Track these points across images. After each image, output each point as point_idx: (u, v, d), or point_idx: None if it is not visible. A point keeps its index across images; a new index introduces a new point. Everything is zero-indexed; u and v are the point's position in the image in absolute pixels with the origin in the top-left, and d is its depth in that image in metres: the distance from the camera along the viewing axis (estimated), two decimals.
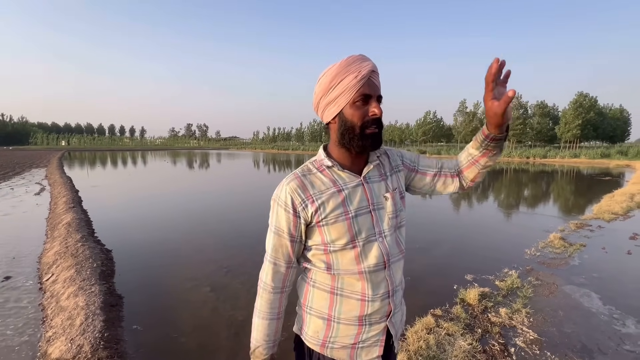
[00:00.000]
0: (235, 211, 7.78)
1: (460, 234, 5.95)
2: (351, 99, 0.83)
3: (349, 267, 0.85)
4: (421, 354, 2.26)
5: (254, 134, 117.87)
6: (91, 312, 2.73)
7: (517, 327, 2.65)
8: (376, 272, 0.86)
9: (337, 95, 0.84)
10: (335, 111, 0.86)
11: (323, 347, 0.89)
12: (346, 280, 0.86)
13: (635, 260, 4.22)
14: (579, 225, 5.95)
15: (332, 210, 0.84)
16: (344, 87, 0.83)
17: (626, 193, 9.33)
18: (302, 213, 0.85)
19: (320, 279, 0.89)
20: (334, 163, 0.88)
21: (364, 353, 0.88)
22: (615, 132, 45.54)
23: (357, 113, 0.83)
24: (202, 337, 2.68)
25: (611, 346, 2.41)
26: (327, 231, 0.84)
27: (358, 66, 0.83)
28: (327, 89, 0.85)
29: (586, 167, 23.56)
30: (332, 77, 0.84)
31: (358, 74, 0.82)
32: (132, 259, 4.37)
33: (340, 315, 0.87)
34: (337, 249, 0.85)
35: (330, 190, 0.86)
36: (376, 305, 0.86)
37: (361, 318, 0.87)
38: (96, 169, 20.16)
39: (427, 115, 53.94)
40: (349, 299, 0.86)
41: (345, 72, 0.82)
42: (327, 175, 0.88)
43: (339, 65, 0.84)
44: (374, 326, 0.88)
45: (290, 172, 0.92)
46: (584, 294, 3.24)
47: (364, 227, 0.86)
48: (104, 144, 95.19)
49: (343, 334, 0.87)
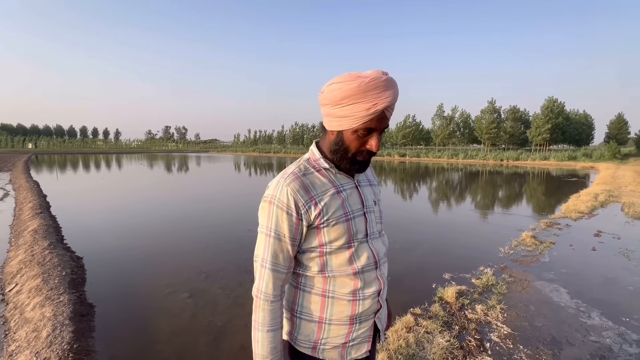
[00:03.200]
0: (214, 215, 7.62)
1: (439, 234, 6.10)
2: (354, 127, 0.79)
3: (342, 267, 0.85)
4: (401, 352, 2.29)
5: (234, 137, 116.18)
6: (59, 323, 2.59)
7: (492, 323, 2.74)
8: (369, 271, 0.88)
9: (342, 115, 0.79)
10: (334, 127, 0.82)
11: (315, 349, 0.88)
12: (338, 281, 0.86)
13: (599, 256, 4.48)
14: (548, 224, 6.25)
15: (333, 212, 0.83)
16: (352, 112, 0.77)
17: (591, 193, 9.91)
18: (305, 215, 0.81)
19: (311, 282, 0.88)
20: (330, 165, 0.86)
21: (354, 350, 0.90)
22: (580, 136, 48.31)
23: (356, 142, 0.81)
24: (179, 344, 2.60)
25: (578, 338, 2.54)
26: (327, 232, 0.83)
27: (376, 96, 0.75)
28: (335, 103, 0.79)
29: (555, 169, 24.85)
30: (345, 96, 0.76)
31: (372, 106, 0.75)
32: (105, 266, 4.18)
33: (332, 316, 0.87)
34: (333, 250, 0.85)
35: (330, 192, 0.84)
36: (367, 303, 0.88)
37: (352, 317, 0.87)
38: (67, 173, 19.19)
39: (407, 119, 55.12)
40: (341, 300, 0.86)
41: (359, 98, 0.75)
42: (324, 175, 0.86)
43: (357, 87, 0.75)
44: (364, 323, 0.89)
45: (284, 171, 0.86)
46: (554, 289, 3.40)
47: (360, 229, 0.87)
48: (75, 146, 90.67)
49: (334, 334, 0.88)
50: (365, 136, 0.80)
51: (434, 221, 7.38)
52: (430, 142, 54.92)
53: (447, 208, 9.12)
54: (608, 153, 32.41)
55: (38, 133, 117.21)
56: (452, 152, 42.75)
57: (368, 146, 0.81)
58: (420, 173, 21.42)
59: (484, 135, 44.80)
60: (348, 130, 0.80)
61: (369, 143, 0.81)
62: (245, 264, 4.19)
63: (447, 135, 48.32)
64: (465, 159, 37.97)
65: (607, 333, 2.59)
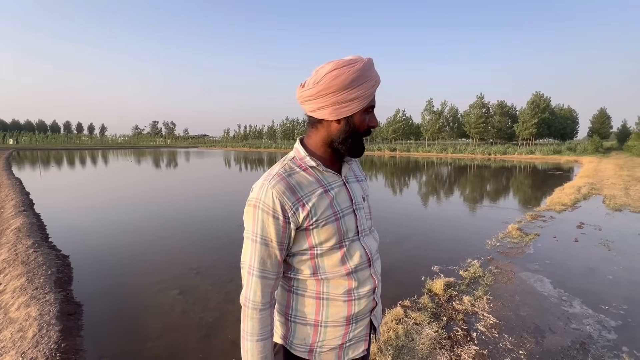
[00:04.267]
0: (204, 211, 7.55)
1: (429, 227, 6.20)
2: (365, 106, 0.81)
3: (335, 268, 0.83)
4: (390, 344, 2.33)
5: (224, 132, 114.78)
6: (45, 323, 2.55)
7: (479, 313, 2.81)
8: (362, 270, 0.86)
9: (354, 98, 0.78)
10: (345, 113, 0.80)
11: (311, 353, 0.86)
12: (332, 283, 0.84)
13: (581, 247, 4.63)
14: (534, 216, 6.42)
15: (322, 213, 0.80)
16: (363, 92, 0.78)
17: (574, 186, 10.20)
18: (293, 218, 0.78)
19: (304, 285, 0.85)
20: (317, 163, 0.83)
21: (351, 350, 0.88)
22: (565, 130, 49.49)
23: (364, 122, 0.83)
24: (170, 341, 2.59)
25: (560, 325, 2.63)
26: (317, 234, 0.81)
27: (375, 74, 0.81)
28: (345, 87, 0.77)
29: (541, 163, 25.43)
30: (356, 77, 0.77)
31: (375, 82, 0.81)
32: (93, 265, 4.12)
33: (327, 319, 0.85)
34: (324, 251, 0.82)
35: (318, 191, 0.81)
36: (362, 302, 0.86)
37: (349, 318, 0.86)
38: (50, 170, 18.67)
39: (397, 113, 55.41)
40: (336, 301, 0.84)
41: (366, 77, 0.78)
42: (311, 174, 0.83)
43: (363, 67, 0.78)
44: (360, 322, 0.88)
45: (268, 172, 0.83)
46: (538, 280, 3.50)
47: (350, 227, 0.85)
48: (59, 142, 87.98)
49: (331, 336, 0.86)
50: (367, 114, 0.84)
51: (423, 215, 7.48)
52: (420, 136, 55.41)
53: (436, 202, 9.26)
54: (591, 147, 33.34)
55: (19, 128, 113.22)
56: (441, 147, 43.25)
57: (372, 124, 0.84)
58: (410, 167, 21.63)
59: (472, 130, 45.45)
60: (358, 112, 0.81)
61: (372, 121, 0.84)
62: (236, 260, 4.15)
63: (437, 129, 48.84)
64: (454, 153, 38.49)
65: (587, 321, 2.70)
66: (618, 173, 14.33)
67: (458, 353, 2.27)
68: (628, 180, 11.73)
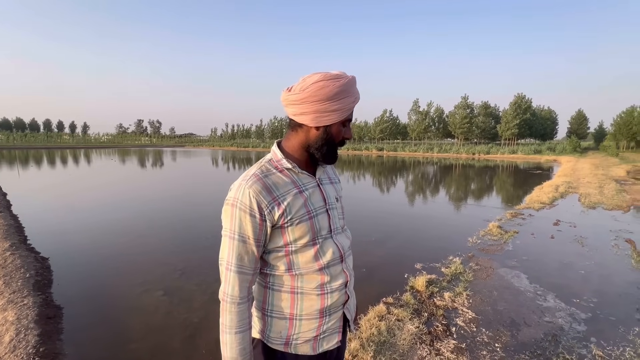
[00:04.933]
0: (189, 211, 7.47)
1: (413, 226, 6.32)
2: (343, 119, 0.88)
3: (309, 264, 0.89)
4: (373, 340, 2.40)
5: (211, 131, 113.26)
6: (23, 327, 2.49)
7: (459, 309, 2.91)
8: (334, 265, 0.92)
9: (335, 109, 0.85)
10: (324, 122, 0.87)
11: (287, 345, 0.91)
12: (306, 278, 0.89)
13: (557, 244, 4.83)
14: (513, 214, 6.64)
15: (297, 212, 0.86)
16: (344, 105, 0.86)
17: (552, 185, 10.58)
18: (269, 216, 0.83)
19: (279, 281, 0.90)
20: (293, 165, 0.89)
21: (325, 342, 0.93)
22: (545, 131, 51.14)
23: (340, 133, 0.90)
24: (154, 342, 2.58)
25: (534, 319, 2.75)
26: (291, 231, 0.86)
27: (356, 91, 0.89)
28: (328, 99, 0.84)
29: (522, 162, 26.19)
30: (340, 91, 0.84)
31: (355, 99, 0.89)
32: (74, 267, 4.03)
33: (302, 312, 0.90)
34: (298, 248, 0.87)
35: (293, 192, 0.87)
36: (335, 296, 0.92)
37: (322, 311, 0.91)
38: (29, 170, 18.01)
39: (384, 113, 55.93)
40: (309, 295, 0.90)
41: (348, 92, 0.86)
42: (287, 175, 0.89)
43: (347, 83, 0.86)
44: (333, 315, 0.93)
45: (246, 173, 0.87)
46: (515, 275, 3.64)
47: (323, 226, 0.91)
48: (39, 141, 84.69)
49: (306, 329, 0.90)
50: (344, 127, 0.91)
51: (408, 213, 7.62)
52: (406, 136, 56.12)
53: (421, 201, 9.43)
54: (569, 147, 34.57)
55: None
56: (427, 146, 43.94)
57: (347, 136, 0.92)
58: (397, 167, 21.91)
59: (457, 130, 46.35)
60: (337, 123, 0.88)
61: (347, 133, 0.92)
62: None
63: (423, 129, 49.57)
64: (439, 152, 39.18)
65: (559, 314, 2.83)
66: (594, 172, 14.93)
67: (438, 347, 2.36)
68: (603, 179, 12.24)
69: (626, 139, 39.88)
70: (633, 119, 38.12)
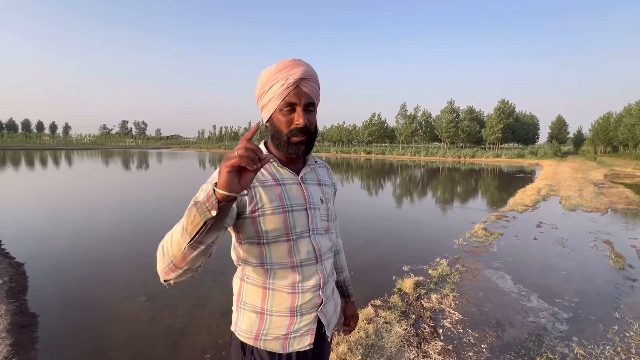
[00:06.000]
0: (174, 215, 7.26)
1: (400, 228, 6.37)
2: (278, 106, 0.86)
3: (282, 259, 0.88)
4: (361, 343, 2.38)
5: (199, 133, 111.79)
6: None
7: (445, 310, 2.94)
8: (308, 265, 0.91)
9: (267, 101, 0.87)
10: (266, 115, 0.90)
11: (256, 340, 0.90)
12: (278, 273, 0.89)
13: (539, 245, 4.95)
14: (498, 216, 6.78)
15: (269, 202, 0.86)
16: (272, 94, 0.86)
17: (535, 188, 10.88)
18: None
19: (253, 274, 0.91)
20: (274, 159, 0.91)
21: (296, 342, 0.91)
22: (528, 135, 52.73)
23: (283, 120, 0.86)
24: (136, 349, 2.49)
25: (518, 319, 2.80)
26: (263, 222, 0.85)
27: (286, 73, 0.84)
28: (260, 93, 0.89)
29: (506, 166, 26.87)
30: (263, 83, 0.87)
31: (285, 82, 0.84)
32: (52, 272, 3.87)
33: (272, 307, 0.90)
34: (270, 241, 0.87)
35: (268, 182, 0.88)
36: (307, 296, 0.91)
37: (292, 309, 0.90)
38: (6, 171, 17.30)
39: (372, 117, 56.49)
40: (281, 292, 0.89)
41: (274, 79, 0.85)
42: (266, 168, 0.90)
43: (269, 71, 0.87)
44: (305, 316, 0.92)
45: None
46: (500, 276, 3.71)
47: (298, 223, 0.89)
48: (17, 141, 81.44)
49: (276, 325, 0.90)
50: (290, 114, 0.86)
51: (395, 216, 7.67)
52: (394, 140, 56.81)
53: (409, 203, 9.52)
54: (550, 151, 35.72)
55: None
56: (414, 150, 44.59)
57: (295, 123, 0.86)
58: (385, 170, 22.10)
59: (443, 134, 47.22)
60: (275, 112, 0.87)
61: (295, 120, 0.86)
62: (207, 265, 4.07)
63: (410, 133, 50.30)
64: (426, 156, 39.82)
65: (542, 314, 2.89)
66: (573, 175, 15.46)
67: (425, 349, 2.36)
68: (582, 182, 12.68)
69: (603, 143, 41.57)
70: (609, 125, 39.76)
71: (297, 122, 0.86)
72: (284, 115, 0.86)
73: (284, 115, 0.86)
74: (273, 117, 0.88)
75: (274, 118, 0.88)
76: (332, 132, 68.17)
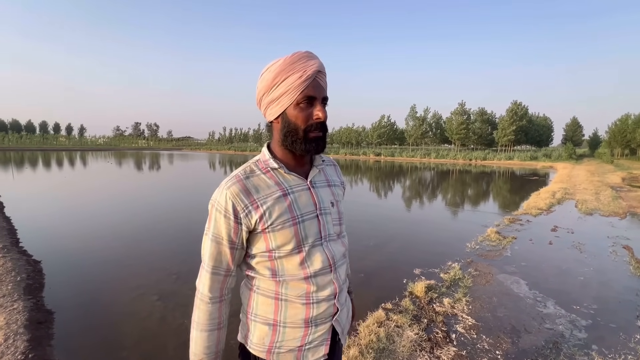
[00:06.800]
0: (185, 215, 7.39)
1: (411, 231, 6.30)
2: (295, 100, 0.79)
3: (294, 272, 0.83)
4: (372, 347, 2.35)
5: (209, 135, 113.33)
6: (12, 332, 2.42)
7: (458, 315, 2.88)
8: (323, 275, 0.86)
9: (280, 94, 0.80)
10: (278, 111, 0.82)
11: (269, 353, 0.86)
12: (291, 285, 0.84)
13: (555, 249, 4.81)
14: (511, 220, 6.63)
15: (278, 216, 0.80)
16: (288, 86, 0.78)
17: (549, 191, 10.62)
18: (245, 220, 0.80)
19: (264, 285, 0.86)
20: (280, 165, 0.84)
21: (311, 354, 0.87)
22: (541, 137, 51.55)
23: (301, 115, 0.80)
24: (148, 348, 2.51)
25: (535, 325, 2.72)
26: (273, 237, 0.81)
27: (304, 65, 0.78)
28: (269, 87, 0.81)
29: (518, 168, 26.35)
30: (276, 74, 0.79)
31: (303, 73, 0.78)
32: (67, 270, 3.95)
33: (286, 319, 0.85)
34: (282, 255, 0.82)
35: (275, 195, 0.82)
36: (322, 307, 0.86)
37: (307, 320, 0.85)
38: (24, 172, 17.83)
39: (382, 119, 56.23)
40: (294, 303, 0.84)
41: (289, 70, 0.78)
42: (271, 177, 0.84)
43: (284, 62, 0.79)
44: (320, 326, 0.87)
45: (231, 173, 0.85)
46: (514, 281, 3.62)
47: (310, 232, 0.84)
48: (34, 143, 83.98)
49: (289, 337, 0.85)
50: (308, 108, 0.80)
51: (406, 218, 7.59)
52: (404, 141, 56.36)
53: (419, 206, 9.41)
54: (565, 154, 34.88)
55: None
56: (424, 152, 44.17)
57: (315, 117, 0.80)
58: (395, 172, 21.94)
59: (454, 136, 46.62)
60: (290, 107, 0.80)
61: (315, 114, 0.80)
62: None
63: (420, 135, 49.84)
64: (437, 158, 39.37)
65: (560, 320, 2.80)
66: (589, 179, 15.04)
67: (438, 355, 2.31)
68: (598, 186, 12.32)
69: (620, 146, 40.33)
70: (627, 127, 38.59)
71: (318, 116, 0.80)
72: (301, 110, 0.80)
73: (301, 109, 0.80)
74: (287, 112, 0.81)
75: (288, 113, 0.81)
76: (341, 133, 68.09)
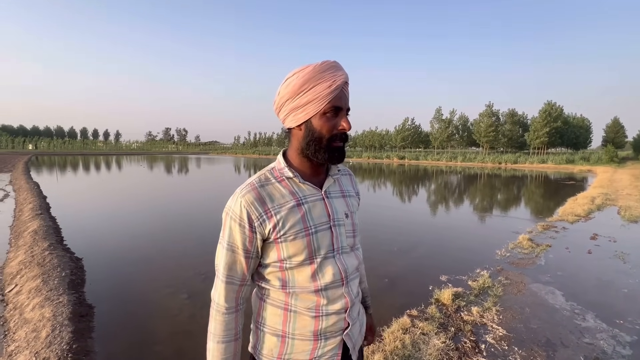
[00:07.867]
0: (214, 216, 7.64)
1: (437, 236, 6.13)
2: (322, 109, 0.79)
3: (305, 284, 0.82)
4: (397, 353, 2.32)
5: (234, 139, 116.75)
6: (59, 324, 2.61)
7: (488, 325, 2.77)
8: (334, 288, 0.84)
9: (307, 102, 0.79)
10: (302, 118, 0.81)
11: None
12: (300, 297, 0.83)
13: (595, 259, 4.51)
14: (545, 226, 6.29)
15: (291, 227, 0.79)
16: (315, 94, 0.78)
17: (588, 196, 9.96)
18: (259, 228, 0.79)
19: (274, 295, 0.85)
20: (295, 174, 0.83)
21: None
22: (578, 140, 48.44)
23: (327, 125, 0.80)
24: (179, 343, 2.63)
25: (572, 340, 2.57)
26: (285, 247, 0.80)
27: (332, 75, 0.79)
28: (295, 93, 0.80)
29: (553, 172, 24.91)
30: (304, 81, 0.78)
31: (332, 83, 0.78)
32: (105, 267, 4.21)
33: (294, 331, 0.83)
34: (293, 266, 0.81)
35: (289, 204, 0.81)
36: (331, 320, 0.84)
37: (316, 333, 0.83)
38: (67, 174, 19.20)
39: (405, 121, 55.32)
40: (303, 315, 0.83)
41: (318, 79, 0.78)
42: (286, 186, 0.83)
43: (313, 70, 0.78)
44: (330, 340, 0.85)
45: (246, 181, 0.85)
46: (549, 292, 3.43)
47: (323, 244, 0.83)
48: (76, 147, 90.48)
49: (298, 349, 0.83)
50: (334, 118, 0.80)
51: (431, 223, 7.41)
52: (429, 145, 55.07)
53: (445, 211, 9.15)
54: (605, 157, 32.52)
55: (39, 134, 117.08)
56: (450, 155, 42.83)
57: (340, 128, 0.81)
58: (419, 176, 21.48)
59: (482, 139, 44.96)
60: (316, 116, 0.80)
61: (340, 124, 0.81)
62: None
63: (446, 138, 48.51)
64: (463, 161, 38.06)
65: (601, 335, 2.63)
66: (634, 183, 13.95)
67: None
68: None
69: None
70: None
71: (343, 127, 0.81)
72: (327, 120, 0.80)
73: (327, 119, 0.80)
74: (312, 120, 0.80)
75: (313, 122, 0.80)
76: (365, 137, 67.67)
